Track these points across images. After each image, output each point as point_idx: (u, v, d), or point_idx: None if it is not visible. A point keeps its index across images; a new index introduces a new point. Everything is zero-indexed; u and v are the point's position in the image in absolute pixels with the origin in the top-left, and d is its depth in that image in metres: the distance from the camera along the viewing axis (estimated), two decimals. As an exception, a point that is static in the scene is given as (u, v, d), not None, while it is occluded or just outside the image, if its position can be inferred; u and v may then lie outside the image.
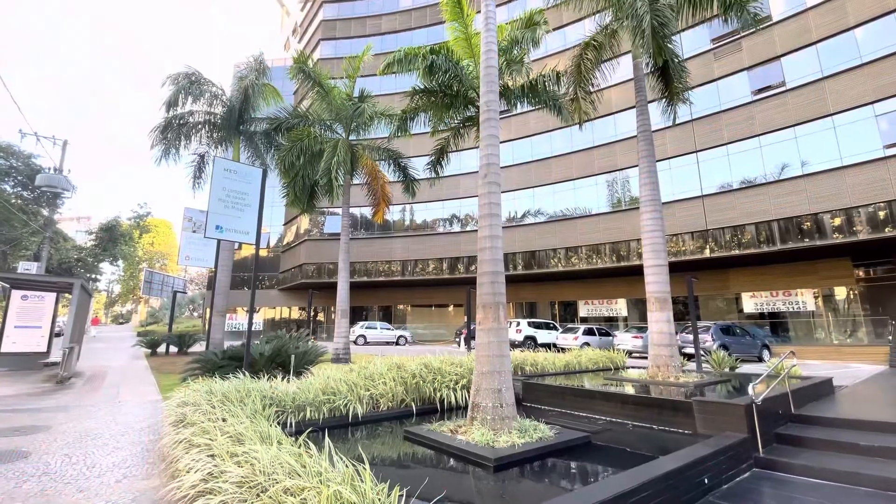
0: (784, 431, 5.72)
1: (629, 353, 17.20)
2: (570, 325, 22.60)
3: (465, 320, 20.13)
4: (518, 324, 21.12)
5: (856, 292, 18.98)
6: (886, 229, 15.80)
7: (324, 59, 33.89)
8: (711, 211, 20.02)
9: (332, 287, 17.60)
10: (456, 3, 12.91)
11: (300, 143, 15.65)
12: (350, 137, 17.36)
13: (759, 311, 21.31)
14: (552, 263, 25.29)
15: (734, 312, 22.19)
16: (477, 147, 7.00)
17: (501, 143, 25.86)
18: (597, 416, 6.83)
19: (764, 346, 17.57)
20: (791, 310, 20.30)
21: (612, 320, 25.95)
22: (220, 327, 15.81)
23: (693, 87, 20.60)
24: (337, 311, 15.78)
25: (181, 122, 17.12)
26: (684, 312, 21.81)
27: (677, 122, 17.91)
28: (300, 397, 6.04)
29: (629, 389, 7.75)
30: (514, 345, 19.77)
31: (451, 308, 32.95)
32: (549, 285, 28.29)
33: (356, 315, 32.18)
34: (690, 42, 21.76)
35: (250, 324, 8.70)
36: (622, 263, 22.50)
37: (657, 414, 6.30)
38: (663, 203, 20.46)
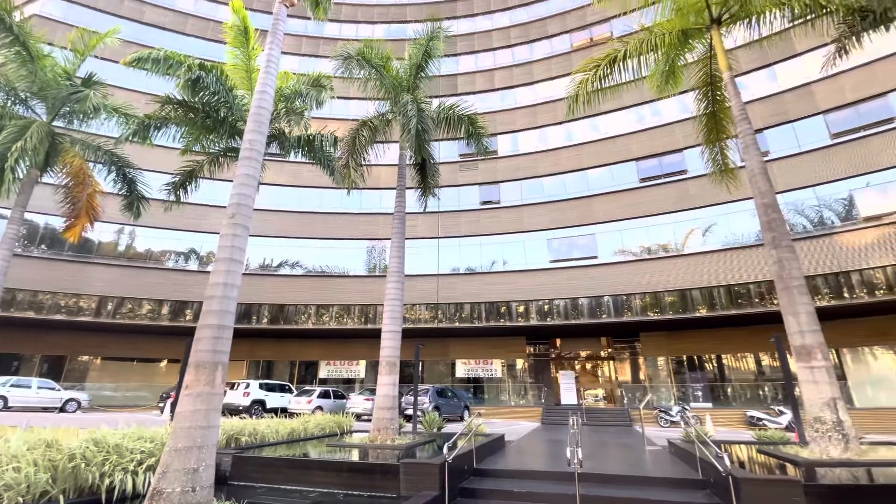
0: (467, 485, 6.73)
1: (359, 416, 17.55)
2: (306, 388, 21.63)
3: (179, 381, 16.65)
4: (247, 385, 18.81)
5: (527, 364, 25.30)
6: (548, 319, 22.08)
7: (44, 18, 25.61)
8: (443, 288, 23.72)
9: (-41, 321, 11.82)
10: (241, 31, 12.21)
11: (-43, 106, 10.85)
12: (55, 123, 13.17)
13: (468, 376, 25.66)
14: (302, 320, 24.30)
15: (450, 376, 25.99)
16: (230, 183, 6.36)
17: (269, 185, 24.50)
18: (311, 489, 6.48)
19: (465, 406, 21.00)
20: (487, 376, 25.27)
21: (350, 382, 26.29)
22: None
23: (442, 186, 24.99)
24: (-45, 359, 10.54)
25: None
26: (415, 375, 24.25)
27: (427, 210, 20.90)
28: None
29: (348, 456, 7.77)
30: (237, 410, 17.38)
31: (163, 364, 26.81)
32: (294, 343, 26.84)
33: (3, 366, 22.32)
34: (446, 151, 26.69)
35: None
36: (369, 326, 23.61)
37: (369, 480, 6.46)
38: (408, 275, 23.03)
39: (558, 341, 25.85)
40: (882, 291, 16.44)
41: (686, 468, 7.42)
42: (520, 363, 25.54)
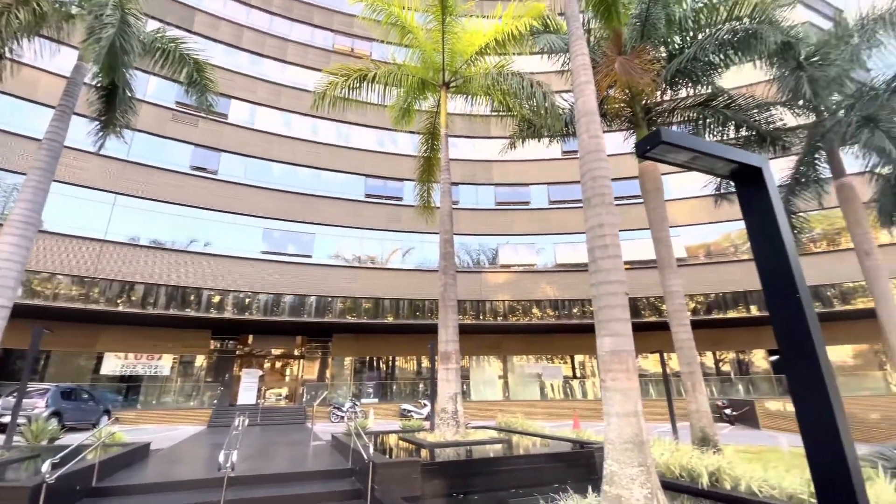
0: (71, 512, 5.20)
1: None
2: None
3: None
4: None
5: (209, 361, 22.46)
6: (246, 313, 20.31)
7: None
8: (109, 259, 18.37)
9: None
10: None
11: None
12: None
13: (122, 373, 20.51)
14: None
15: (94, 373, 20.13)
16: None
17: None
18: None
19: (106, 411, 16.59)
20: (149, 373, 20.91)
21: None
22: None
23: (138, 130, 19.86)
24: None
25: None
26: (34, 370, 17.36)
27: (106, 153, 16.24)
28: None
29: None
30: None
31: None
32: None
33: None
34: (157, 89, 21.42)
35: None
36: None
37: None
38: (54, 233, 16.84)
39: (251, 338, 24.25)
40: (501, 318, 23.29)
41: (341, 459, 8.12)
42: (200, 360, 22.45)
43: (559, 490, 5.43)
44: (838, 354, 23.10)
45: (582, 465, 7.52)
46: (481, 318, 23.14)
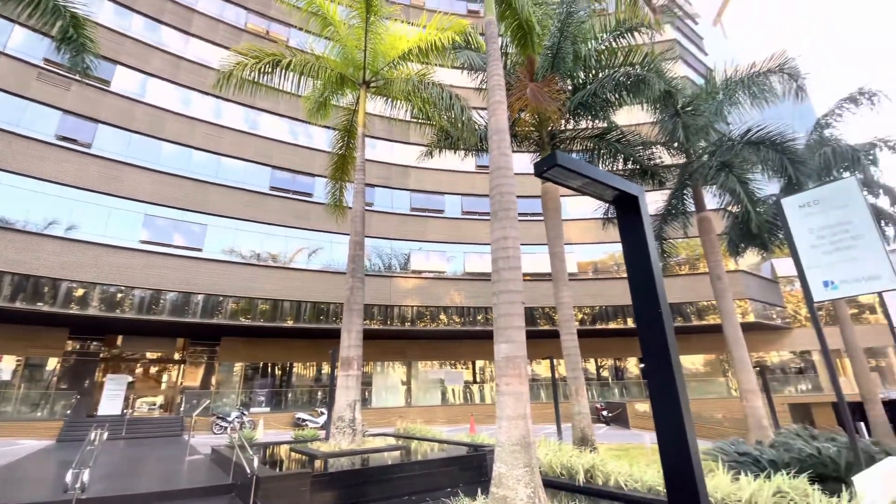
0: None
1: None
2: None
3: None
4: None
5: (64, 364, 19.09)
6: (116, 311, 17.60)
7: None
8: (-70, 238, 14.84)
9: None
10: None
11: None
12: None
13: (-65, 379, 16.55)
14: None
15: None
16: None
17: None
18: None
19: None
20: (-19, 379, 17.17)
21: None
22: None
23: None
24: None
25: None
26: None
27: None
28: None
29: None
30: None
31: None
32: None
33: None
34: (22, 42, 17.96)
35: None
36: None
37: None
38: None
39: (119, 339, 21.22)
40: (408, 323, 23.27)
41: (221, 474, 7.39)
42: (52, 363, 19.00)
43: (451, 494, 5.53)
44: (693, 362, 27.02)
45: (475, 467, 7.76)
46: (389, 323, 22.90)
